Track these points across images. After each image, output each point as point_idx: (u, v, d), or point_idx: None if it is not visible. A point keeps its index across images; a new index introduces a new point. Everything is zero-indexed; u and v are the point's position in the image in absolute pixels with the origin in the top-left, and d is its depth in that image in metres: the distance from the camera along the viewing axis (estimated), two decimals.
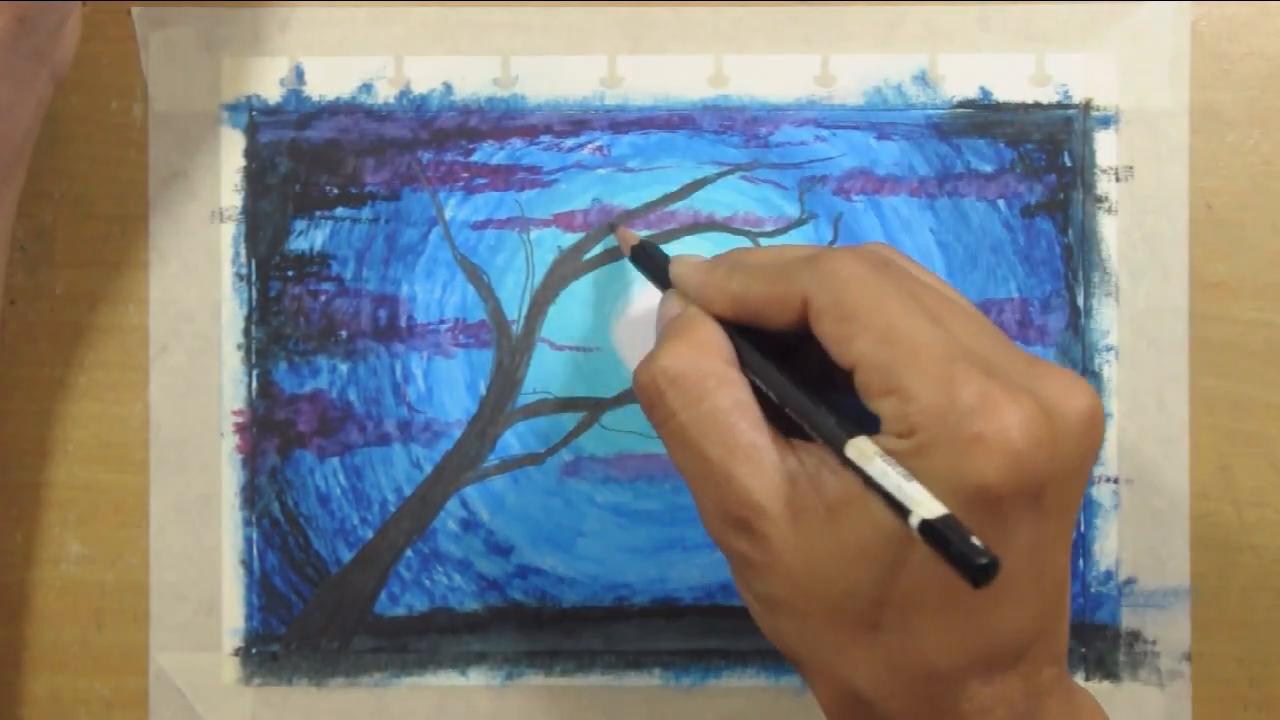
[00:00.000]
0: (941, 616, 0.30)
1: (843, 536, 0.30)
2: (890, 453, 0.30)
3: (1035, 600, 0.31)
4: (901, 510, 0.28)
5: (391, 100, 0.43)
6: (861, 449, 0.30)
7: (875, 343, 0.31)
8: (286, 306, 0.43)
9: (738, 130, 0.43)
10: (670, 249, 0.43)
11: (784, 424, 0.33)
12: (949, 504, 0.28)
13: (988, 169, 0.43)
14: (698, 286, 0.35)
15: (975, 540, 0.27)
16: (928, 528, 0.27)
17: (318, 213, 0.43)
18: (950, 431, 0.29)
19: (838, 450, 0.31)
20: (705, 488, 0.32)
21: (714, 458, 0.32)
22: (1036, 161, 0.43)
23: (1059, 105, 0.43)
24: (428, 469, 0.43)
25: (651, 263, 0.38)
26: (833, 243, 0.43)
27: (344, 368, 0.43)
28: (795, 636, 0.32)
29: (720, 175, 0.43)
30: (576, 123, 0.43)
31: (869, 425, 0.31)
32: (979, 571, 0.26)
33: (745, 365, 0.34)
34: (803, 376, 0.33)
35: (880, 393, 0.30)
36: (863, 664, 0.31)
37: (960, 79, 0.43)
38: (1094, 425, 0.31)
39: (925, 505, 0.28)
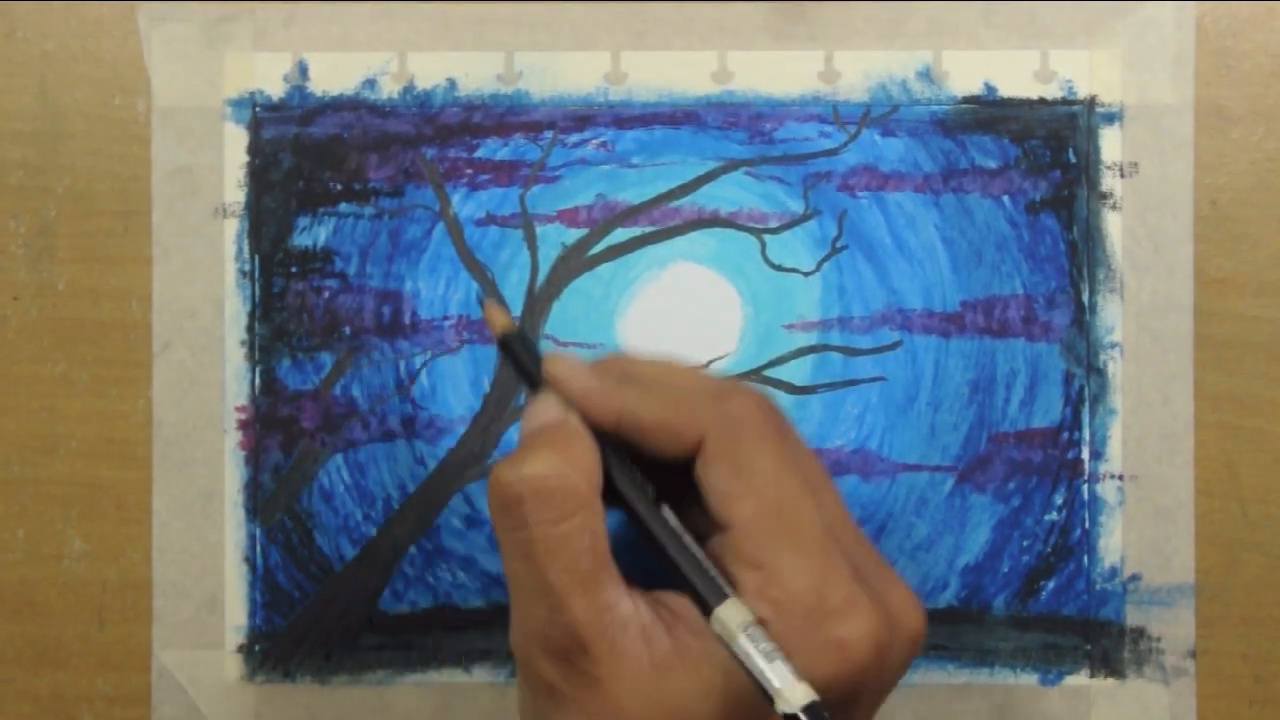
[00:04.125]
0: None
1: (664, 696, 0.30)
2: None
3: None
4: (760, 685, 0.29)
5: (395, 96, 0.43)
6: (727, 623, 0.30)
7: (761, 512, 0.31)
8: (290, 303, 0.43)
9: (742, 126, 0.43)
10: (674, 245, 0.43)
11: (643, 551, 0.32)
12: None
13: (992, 165, 0.43)
14: (580, 392, 0.33)
15: None
16: (806, 711, 0.29)
17: (321, 209, 0.43)
18: (813, 628, 0.30)
19: (704, 610, 0.31)
20: (534, 609, 0.31)
21: (555, 582, 0.30)
22: (1041, 158, 0.43)
23: (1063, 101, 0.43)
24: (431, 465, 0.43)
25: (522, 356, 0.34)
26: (837, 239, 0.43)
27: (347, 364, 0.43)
28: None
29: (724, 170, 0.43)
30: (580, 118, 0.43)
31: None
32: None
33: (619, 483, 0.32)
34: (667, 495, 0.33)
35: (750, 564, 0.31)
36: None
37: (965, 75, 0.43)
38: (918, 647, 0.32)
39: (794, 691, 0.29)
